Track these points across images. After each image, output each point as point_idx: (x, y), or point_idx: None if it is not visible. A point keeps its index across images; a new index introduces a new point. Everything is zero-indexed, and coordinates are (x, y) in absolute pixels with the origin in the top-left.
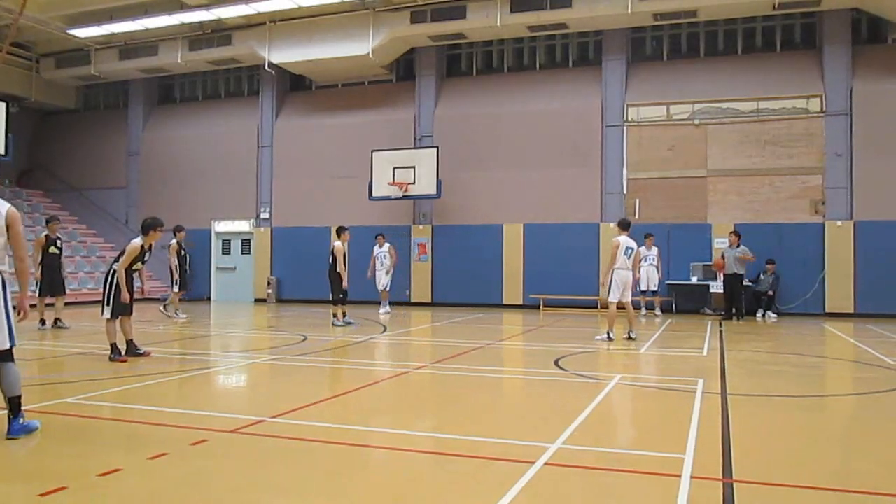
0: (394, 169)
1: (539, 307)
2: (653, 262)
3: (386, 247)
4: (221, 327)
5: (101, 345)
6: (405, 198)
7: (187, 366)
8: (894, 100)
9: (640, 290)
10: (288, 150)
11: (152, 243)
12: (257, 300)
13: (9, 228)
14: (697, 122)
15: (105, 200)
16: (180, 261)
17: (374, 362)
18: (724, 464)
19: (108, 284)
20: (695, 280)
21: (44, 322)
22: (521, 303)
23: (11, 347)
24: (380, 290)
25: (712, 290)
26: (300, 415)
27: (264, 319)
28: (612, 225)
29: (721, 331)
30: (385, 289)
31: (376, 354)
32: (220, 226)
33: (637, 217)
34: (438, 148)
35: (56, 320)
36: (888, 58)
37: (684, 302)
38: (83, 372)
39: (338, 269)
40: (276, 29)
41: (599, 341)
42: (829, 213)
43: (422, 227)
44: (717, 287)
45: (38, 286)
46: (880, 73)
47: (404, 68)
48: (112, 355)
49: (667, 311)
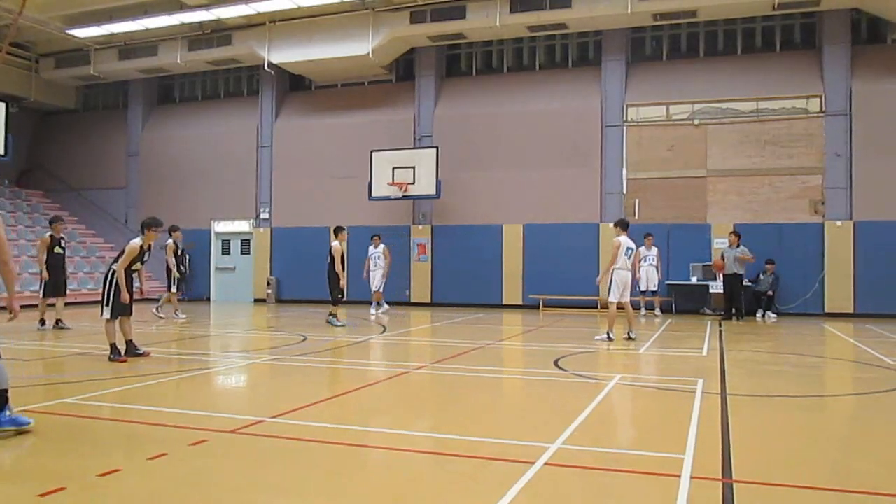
0: (393, 169)
1: (539, 307)
2: (652, 263)
3: (381, 247)
4: (221, 327)
5: (101, 345)
6: (405, 198)
7: (187, 366)
8: (894, 100)
9: (639, 291)
10: (288, 150)
11: (151, 243)
12: (257, 300)
13: None
14: (697, 122)
15: (105, 200)
16: (177, 261)
17: (373, 362)
18: (724, 464)
19: (108, 285)
20: (694, 280)
21: (44, 322)
22: (520, 303)
23: None
24: (373, 291)
25: (712, 290)
26: (300, 415)
27: (264, 319)
28: (611, 225)
29: (721, 331)
30: (378, 290)
31: (376, 355)
32: (220, 226)
33: (637, 217)
34: (438, 148)
35: (57, 321)
36: (888, 58)
37: (684, 302)
38: (83, 372)
39: (336, 269)
40: (276, 29)
41: (599, 341)
42: (829, 213)
43: (421, 227)
44: (716, 287)
45: (44, 287)
46: (880, 73)
47: (404, 68)
48: (112, 355)
49: (666, 311)
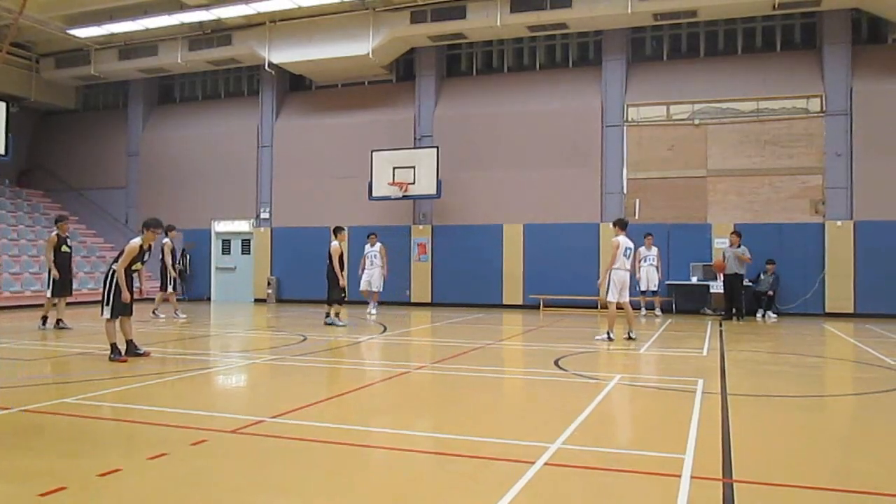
0: (394, 169)
1: (539, 307)
2: (653, 262)
3: (377, 246)
4: (221, 327)
5: (101, 345)
6: (405, 198)
7: (187, 366)
8: (894, 100)
9: (639, 291)
10: (288, 150)
11: (151, 243)
12: (257, 300)
13: None
14: (697, 122)
15: (105, 200)
16: (172, 260)
17: (373, 362)
18: (724, 464)
19: (108, 284)
20: (695, 280)
21: (45, 321)
22: (520, 303)
23: None
24: (372, 291)
25: (712, 290)
26: (300, 415)
27: (264, 319)
28: (611, 225)
29: (721, 331)
30: (377, 290)
31: (376, 354)
32: (220, 226)
33: (637, 217)
34: (438, 148)
35: (58, 321)
36: (888, 58)
37: (684, 302)
38: (83, 372)
39: (334, 269)
40: (276, 29)
41: (599, 341)
42: (829, 213)
43: (422, 227)
44: (717, 287)
45: (52, 286)
46: (880, 73)
47: (404, 68)
48: (112, 355)
49: (667, 311)
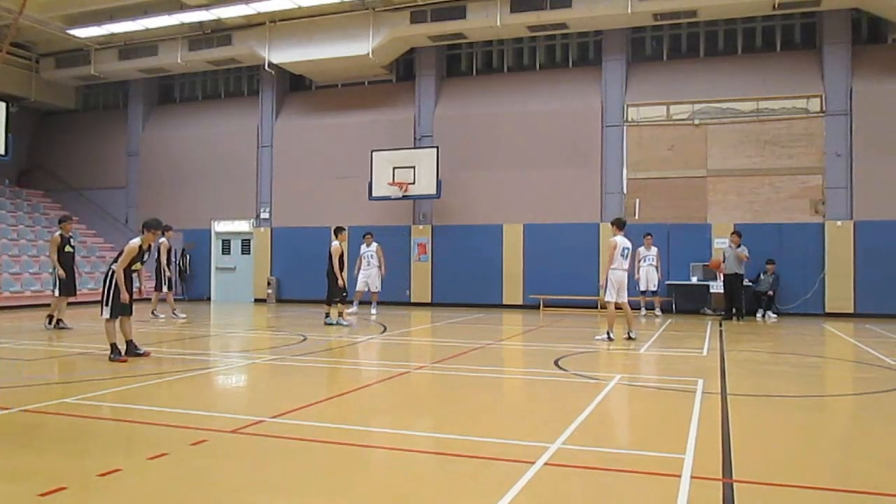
0: (394, 169)
1: (539, 307)
2: (652, 263)
3: (374, 246)
4: (221, 327)
5: (101, 345)
6: (405, 198)
7: (187, 366)
8: (894, 100)
9: (639, 291)
10: (288, 150)
11: (151, 244)
12: (257, 300)
13: None
14: (697, 122)
15: (105, 200)
16: (168, 260)
17: (373, 362)
18: (724, 464)
19: (108, 284)
20: (695, 280)
21: (51, 320)
22: (520, 303)
23: None
24: (371, 291)
25: (712, 290)
26: (300, 415)
27: (264, 319)
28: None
29: (721, 331)
30: (376, 290)
31: (376, 354)
32: (220, 226)
33: (637, 217)
34: (438, 148)
35: (58, 321)
36: (888, 58)
37: (684, 302)
38: (83, 372)
39: (334, 269)
40: (276, 29)
41: (599, 341)
42: (829, 213)
43: (422, 227)
44: (717, 287)
45: (59, 286)
46: (880, 73)
47: (404, 68)
48: (112, 355)
49: (667, 311)
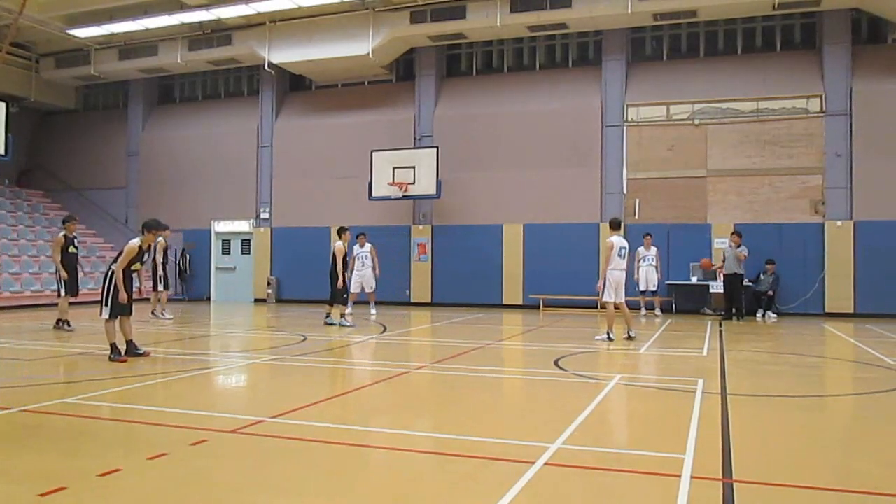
0: (393, 169)
1: (539, 307)
2: (652, 263)
3: (367, 247)
4: (221, 327)
5: (101, 345)
6: (405, 198)
7: (187, 366)
8: (894, 100)
9: (639, 291)
10: (288, 150)
11: (151, 244)
12: (257, 300)
13: None
14: (697, 122)
15: (105, 200)
16: (164, 259)
17: (373, 362)
18: (724, 464)
19: (107, 284)
20: (695, 280)
21: (59, 322)
22: (520, 303)
23: None
24: (367, 292)
25: (712, 290)
26: (300, 415)
27: (264, 319)
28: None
29: (721, 331)
30: (371, 290)
31: (376, 354)
32: (220, 226)
33: (637, 217)
34: (438, 148)
35: (58, 321)
36: (888, 58)
37: (684, 302)
38: (83, 372)
39: (336, 269)
40: (276, 29)
41: (599, 341)
42: (829, 213)
43: (422, 227)
44: (716, 287)
45: (64, 286)
46: (880, 73)
47: (404, 68)
48: (112, 355)
49: (667, 311)
